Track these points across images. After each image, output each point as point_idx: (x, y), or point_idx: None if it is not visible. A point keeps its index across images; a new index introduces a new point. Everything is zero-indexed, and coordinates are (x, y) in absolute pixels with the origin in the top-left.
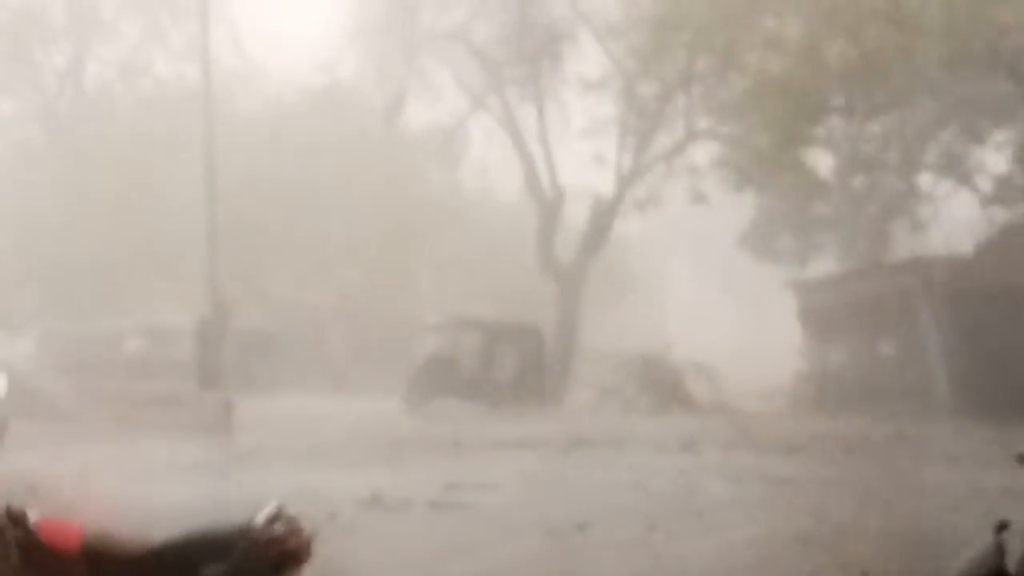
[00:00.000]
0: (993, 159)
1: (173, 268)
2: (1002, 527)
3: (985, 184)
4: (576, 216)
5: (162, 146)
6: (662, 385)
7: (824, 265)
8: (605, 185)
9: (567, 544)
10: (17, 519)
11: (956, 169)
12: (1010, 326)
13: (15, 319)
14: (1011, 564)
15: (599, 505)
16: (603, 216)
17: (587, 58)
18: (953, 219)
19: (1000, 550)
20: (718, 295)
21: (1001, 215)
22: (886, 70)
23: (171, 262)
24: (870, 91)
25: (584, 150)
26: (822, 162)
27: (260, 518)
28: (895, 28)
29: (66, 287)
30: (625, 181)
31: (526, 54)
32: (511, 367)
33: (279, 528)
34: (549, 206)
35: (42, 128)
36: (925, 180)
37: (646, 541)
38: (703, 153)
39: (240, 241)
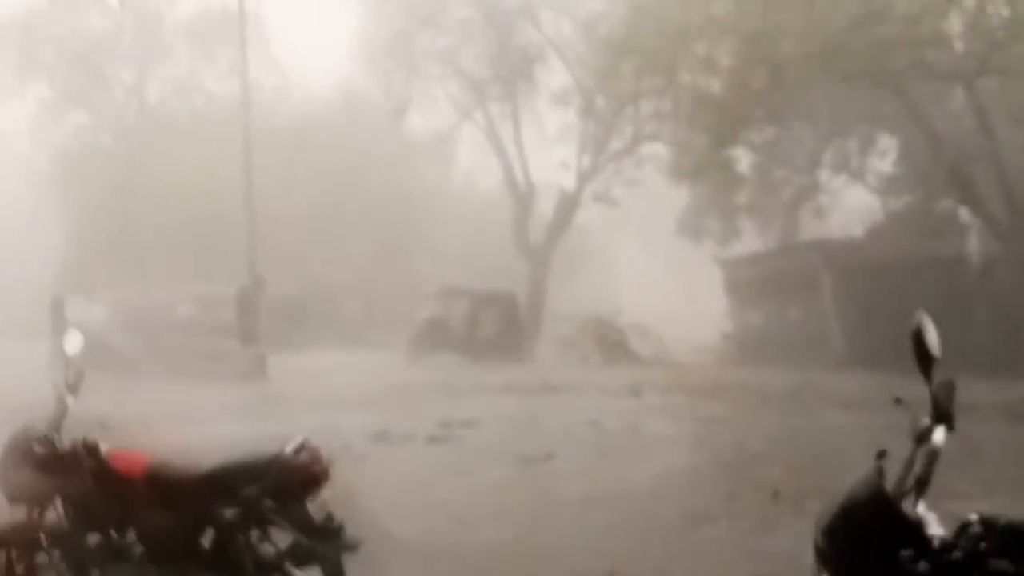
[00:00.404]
0: (879, 161)
1: (219, 248)
2: (881, 455)
3: (873, 180)
4: (545, 207)
5: (210, 149)
6: (612, 342)
7: (744, 245)
8: (568, 182)
9: (536, 470)
10: (91, 450)
11: (850, 167)
12: (893, 295)
13: (90, 288)
14: (888, 485)
15: (561, 438)
16: (566, 207)
17: (554, 78)
18: (847, 208)
19: (880, 473)
20: (659, 270)
21: (886, 205)
22: (796, 86)
23: (217, 243)
24: (783, 104)
25: (552, 153)
26: (744, 160)
27: (288, 448)
28: (803, 51)
29: (131, 262)
30: (584, 178)
31: (504, 74)
32: (492, 327)
33: (304, 456)
34: (523, 199)
35: (112, 135)
36: (826, 176)
37: (599, 467)
38: (647, 154)
39: (274, 226)
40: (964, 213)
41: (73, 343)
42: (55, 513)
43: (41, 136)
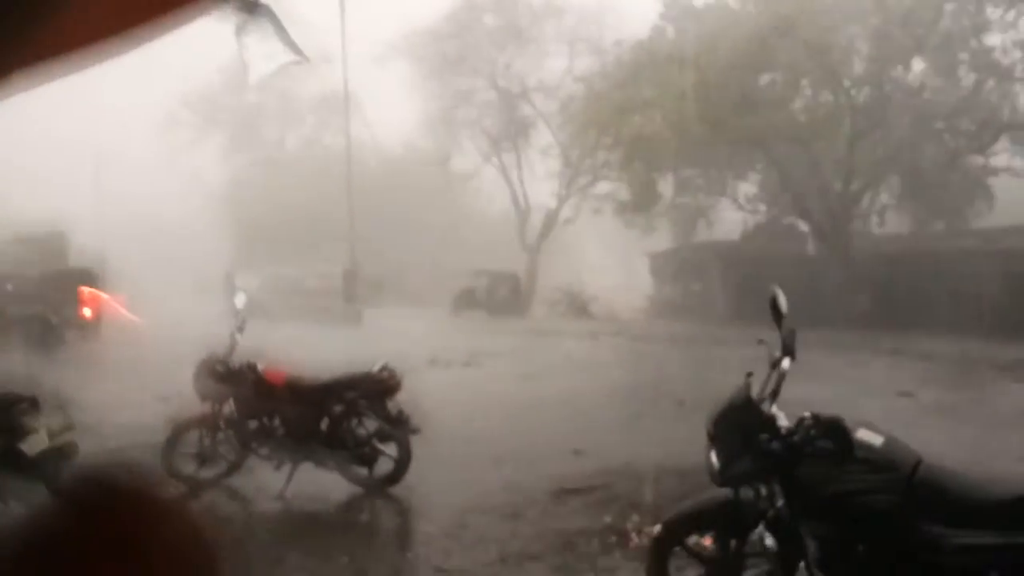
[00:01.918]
0: (748, 188)
1: (331, 243)
2: (749, 375)
3: (743, 201)
4: (536, 220)
5: (325, 180)
6: (578, 305)
7: (663, 244)
8: (551, 203)
9: (529, 383)
10: (252, 368)
11: (728, 193)
12: (757, 276)
13: (249, 266)
14: (753, 394)
15: (545, 365)
16: (550, 220)
17: (542, 138)
18: (728, 220)
19: (748, 386)
20: (608, 260)
21: (753, 219)
22: (696, 144)
23: (330, 240)
24: (688, 154)
25: (542, 186)
26: (666, 187)
27: (375, 368)
28: (703, 123)
29: (276, 251)
30: (562, 201)
31: (511, 135)
32: (503, 295)
33: (385, 373)
34: (523, 215)
35: (263, 170)
36: (713, 199)
37: (569, 382)
38: (602, 186)
39: (365, 230)
40: (802, 224)
41: (240, 301)
42: (228, 407)
43: (218, 170)
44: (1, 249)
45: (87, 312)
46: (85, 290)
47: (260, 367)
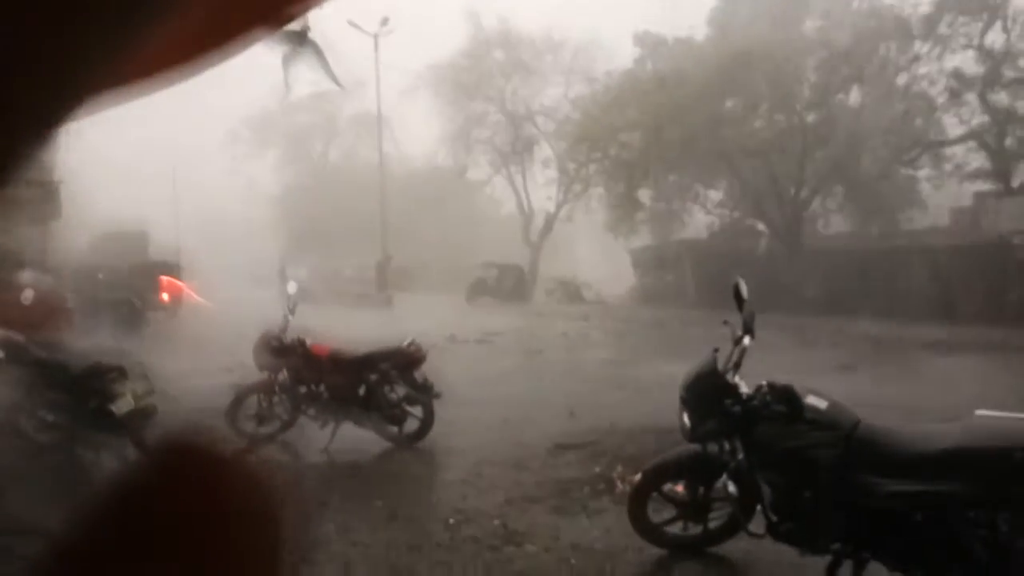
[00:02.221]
0: (715, 195)
1: (367, 239)
2: (716, 350)
3: (710, 206)
4: (538, 221)
5: (362, 188)
6: (572, 291)
7: (643, 241)
8: (551, 207)
9: (534, 358)
10: (301, 343)
11: (699, 200)
12: (722, 269)
13: (298, 258)
14: (719, 365)
15: (547, 342)
16: (549, 221)
17: (543, 152)
18: (698, 222)
19: (714, 358)
20: (598, 254)
21: (720, 221)
22: (672, 157)
23: (366, 237)
24: (665, 165)
25: (542, 192)
26: (645, 195)
27: (404, 343)
28: (676, 139)
29: (320, 246)
30: (559, 206)
31: (518, 150)
32: (510, 283)
33: (413, 348)
34: (526, 217)
35: (311, 178)
36: (686, 204)
37: (567, 356)
38: (594, 193)
39: (395, 228)
40: (760, 225)
41: (291, 287)
42: (282, 376)
43: (274, 178)
44: (94, 244)
45: (165, 297)
46: (164, 279)
47: (308, 342)
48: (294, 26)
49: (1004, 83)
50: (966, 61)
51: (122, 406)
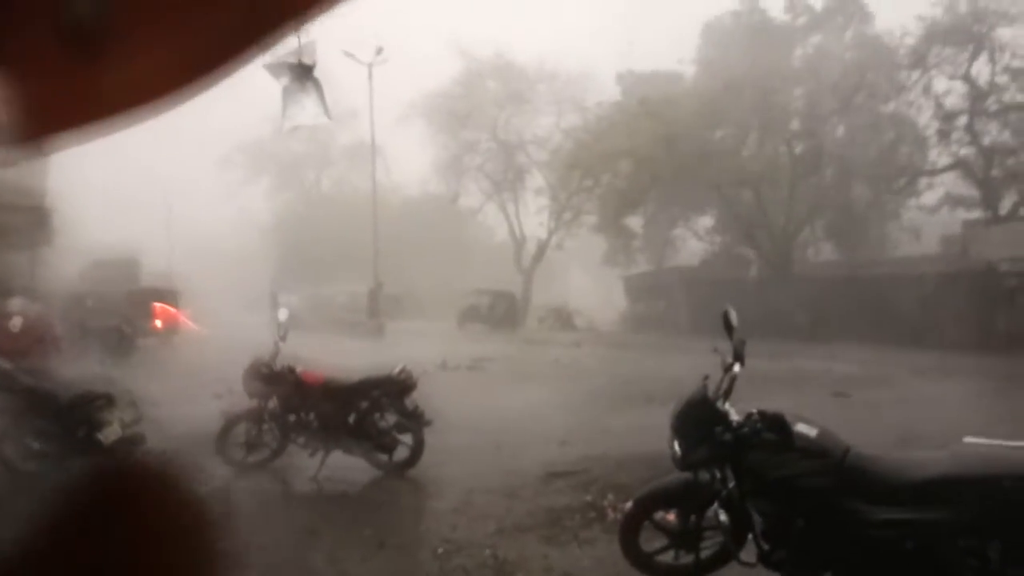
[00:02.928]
0: (706, 221)
1: (358, 267)
2: (706, 377)
3: (702, 232)
4: (530, 248)
5: (354, 216)
6: (564, 319)
7: (637, 269)
8: (542, 235)
9: (523, 384)
10: (291, 370)
11: (690, 227)
12: (712, 296)
13: (290, 286)
14: (709, 393)
15: (538, 369)
16: (541, 248)
17: (535, 181)
18: (690, 249)
19: (705, 386)
20: (590, 280)
21: (709, 248)
22: (662, 185)
23: (357, 264)
24: (656, 194)
25: (534, 220)
26: (636, 223)
27: (395, 370)
28: (668, 168)
29: (312, 274)
30: (551, 233)
31: (509, 178)
32: (502, 310)
33: (403, 375)
34: (518, 243)
35: (304, 206)
36: (678, 231)
37: (559, 383)
38: (585, 220)
39: (387, 256)
40: (751, 253)
41: (282, 315)
42: (272, 403)
43: (267, 206)
44: (83, 271)
45: (159, 323)
46: (158, 306)
47: (299, 370)
48: (297, 59)
49: (990, 113)
50: (953, 91)
51: (109, 435)
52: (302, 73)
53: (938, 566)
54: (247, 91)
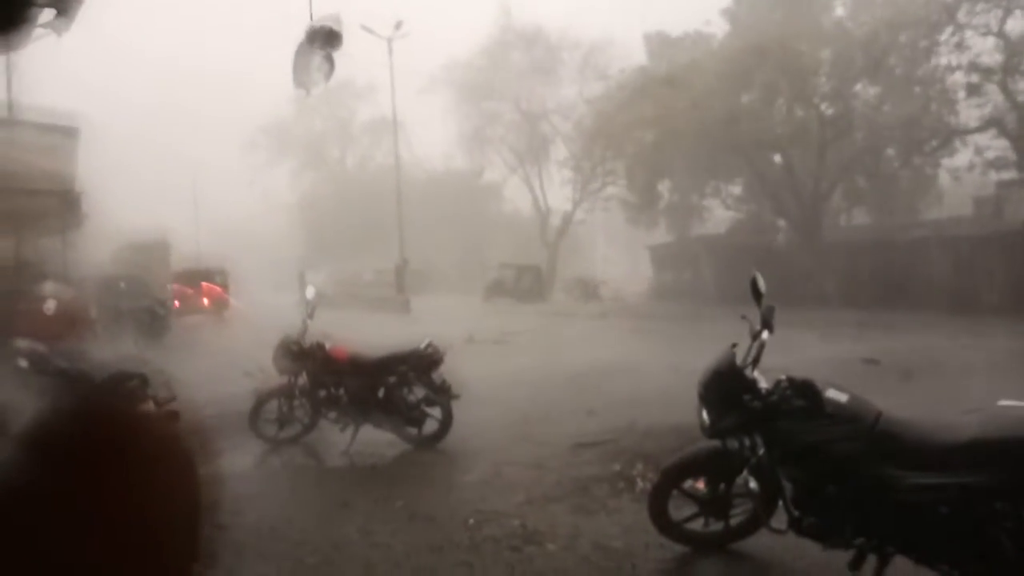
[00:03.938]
0: (734, 189)
1: (385, 244)
2: (734, 345)
3: (729, 201)
4: (555, 220)
5: (379, 194)
6: (590, 290)
7: (662, 238)
8: (567, 207)
9: (551, 358)
10: (320, 347)
11: (718, 195)
12: (739, 263)
13: (318, 265)
14: (737, 361)
15: (565, 341)
16: (567, 220)
17: (559, 151)
18: (717, 217)
19: (733, 355)
20: (616, 252)
21: (736, 216)
22: (688, 154)
23: (384, 242)
24: (682, 163)
25: (559, 192)
26: (664, 190)
27: (422, 345)
28: (692, 135)
29: (339, 252)
30: (576, 204)
31: (534, 149)
32: (528, 283)
33: (430, 349)
34: (543, 216)
35: (330, 185)
36: (705, 201)
37: (585, 354)
38: (611, 190)
39: (413, 232)
40: (779, 220)
41: (310, 293)
42: (302, 380)
43: (292, 186)
44: (115, 254)
45: (207, 301)
46: (206, 285)
47: (327, 346)
48: (326, 23)
49: None
50: (986, 49)
51: None
52: (330, 39)
53: (973, 530)
54: (268, 72)
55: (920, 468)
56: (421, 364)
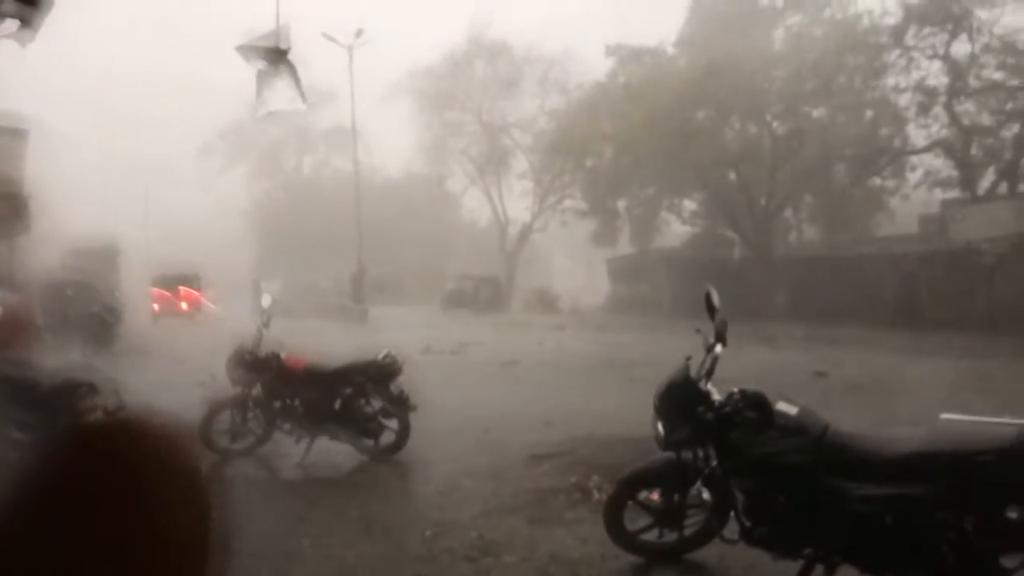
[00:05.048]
0: (689, 204)
1: (341, 252)
2: (688, 358)
3: (685, 215)
4: (514, 231)
5: (336, 200)
6: (548, 302)
7: (620, 251)
8: (526, 217)
9: (508, 368)
10: (275, 356)
11: (677, 210)
12: (695, 277)
13: (272, 273)
14: (692, 373)
15: (522, 351)
16: (525, 232)
17: (519, 164)
18: (673, 232)
19: (687, 368)
20: (576, 264)
21: (692, 231)
22: (646, 169)
23: (340, 250)
24: (639, 177)
25: (518, 203)
26: (621, 204)
27: (380, 355)
28: (649, 150)
29: (295, 260)
30: (535, 216)
31: (493, 161)
32: (486, 295)
33: (388, 359)
34: (502, 227)
35: (284, 192)
36: (663, 214)
37: (542, 366)
38: (569, 203)
39: (370, 240)
40: (731, 234)
41: (266, 301)
42: (256, 390)
43: (247, 191)
44: (63, 259)
45: (184, 305)
46: (182, 289)
47: (282, 356)
48: (273, 43)
49: (969, 93)
50: (932, 72)
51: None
52: (276, 57)
53: (916, 539)
54: (227, 77)
55: (866, 480)
56: (379, 374)
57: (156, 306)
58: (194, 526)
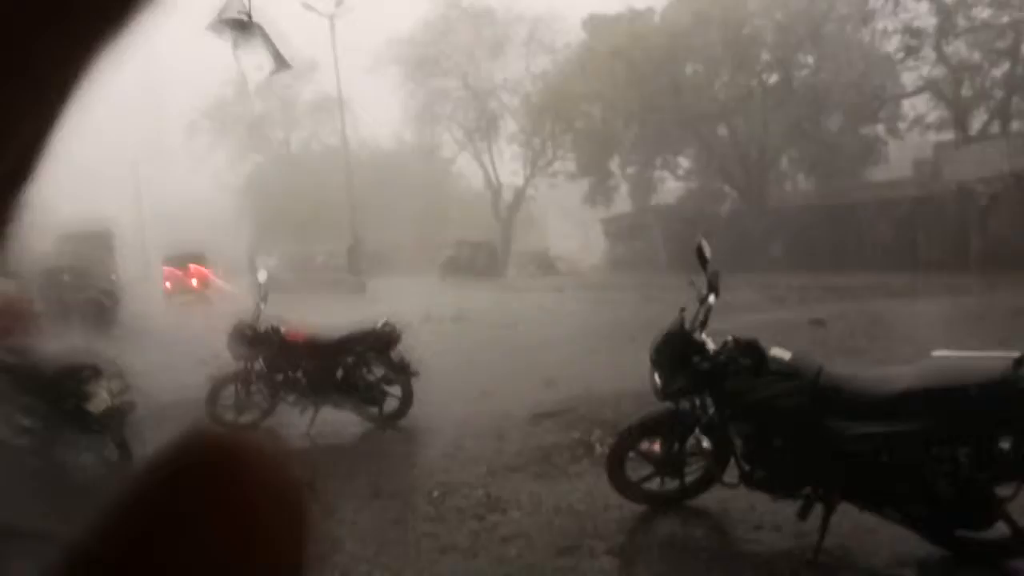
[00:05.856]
0: (683, 162)
1: (336, 224)
2: (682, 309)
3: (680, 172)
4: (507, 196)
5: (326, 173)
6: (545, 264)
7: (616, 210)
8: (518, 181)
9: (508, 331)
10: (275, 330)
11: (668, 166)
12: (689, 232)
13: (268, 248)
14: (686, 324)
15: (521, 314)
16: (518, 196)
17: (509, 127)
18: (668, 189)
19: (682, 318)
20: (569, 224)
21: (687, 187)
22: (637, 127)
23: (335, 222)
24: (632, 136)
25: (509, 167)
26: (613, 164)
27: (379, 324)
28: (641, 108)
29: (290, 234)
30: (527, 180)
31: (483, 126)
32: (482, 260)
33: (387, 328)
34: (495, 191)
35: (274, 167)
36: (656, 173)
37: (541, 328)
38: (560, 164)
39: (364, 212)
40: (727, 188)
41: (262, 276)
42: (258, 364)
43: (237, 169)
44: (57, 245)
45: (195, 282)
46: (193, 267)
47: (282, 330)
48: (235, 14)
49: (958, 33)
50: (921, 14)
51: (98, 404)
52: (242, 27)
53: (912, 474)
54: (210, 55)
55: (860, 419)
56: (379, 343)
57: (168, 284)
58: (298, 550)
